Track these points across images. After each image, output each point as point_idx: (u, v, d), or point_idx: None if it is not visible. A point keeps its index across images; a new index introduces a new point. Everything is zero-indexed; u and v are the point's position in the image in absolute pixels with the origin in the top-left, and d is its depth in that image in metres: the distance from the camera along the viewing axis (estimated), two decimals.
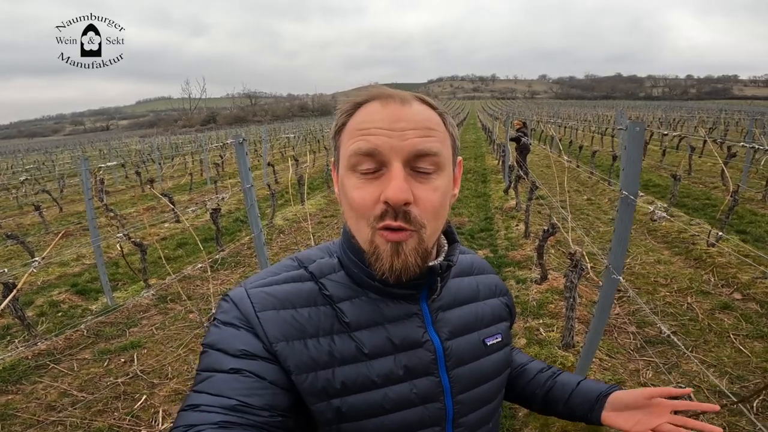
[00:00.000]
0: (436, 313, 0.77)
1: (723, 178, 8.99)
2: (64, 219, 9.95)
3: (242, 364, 0.66)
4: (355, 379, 0.69)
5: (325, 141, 21.09)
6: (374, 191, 0.66)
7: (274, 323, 0.69)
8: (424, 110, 0.70)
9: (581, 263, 3.26)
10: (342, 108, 0.73)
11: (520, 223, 6.83)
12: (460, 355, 0.77)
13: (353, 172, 0.68)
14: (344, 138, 0.71)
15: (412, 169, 0.67)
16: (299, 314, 0.71)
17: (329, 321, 0.72)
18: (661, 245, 5.90)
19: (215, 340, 0.70)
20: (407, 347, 0.73)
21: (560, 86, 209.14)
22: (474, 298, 0.85)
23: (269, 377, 0.66)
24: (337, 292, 0.74)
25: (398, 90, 0.71)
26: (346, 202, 0.71)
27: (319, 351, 0.69)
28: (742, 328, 3.68)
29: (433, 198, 0.67)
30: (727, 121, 25.82)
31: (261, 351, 0.68)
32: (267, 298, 0.72)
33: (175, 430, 0.62)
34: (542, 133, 22.35)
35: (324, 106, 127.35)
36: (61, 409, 3.04)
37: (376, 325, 0.72)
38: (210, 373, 0.67)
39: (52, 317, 4.59)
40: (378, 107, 0.68)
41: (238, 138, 2.77)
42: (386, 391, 0.70)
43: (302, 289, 0.74)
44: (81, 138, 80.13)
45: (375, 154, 0.66)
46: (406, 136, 0.66)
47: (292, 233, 7.45)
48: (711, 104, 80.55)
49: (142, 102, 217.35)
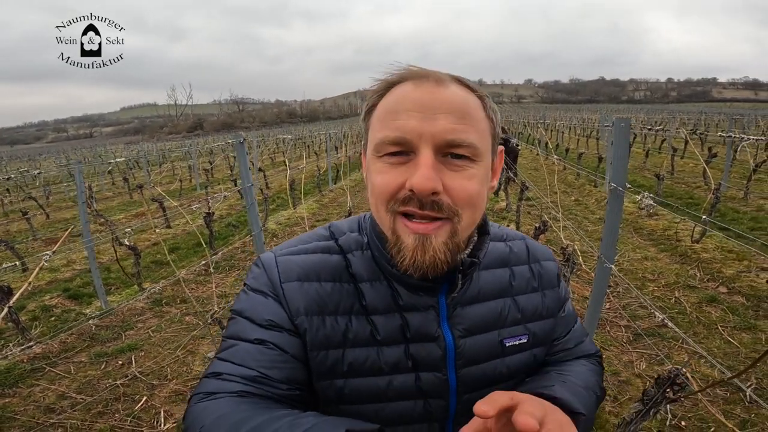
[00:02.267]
0: (454, 308, 0.72)
1: (705, 177, 9.22)
2: (51, 225, 9.82)
3: (267, 335, 0.67)
4: (363, 363, 0.69)
5: (314, 146, 21.09)
6: (398, 177, 0.61)
7: (297, 295, 0.69)
8: (461, 92, 0.64)
9: (573, 258, 3.34)
10: (374, 88, 0.67)
11: (511, 224, 6.93)
12: (473, 355, 0.73)
13: (379, 157, 0.63)
14: (373, 121, 0.66)
15: (444, 156, 0.61)
16: (323, 288, 0.70)
17: (350, 300, 0.71)
18: (648, 242, 6.04)
19: (244, 308, 0.71)
20: (418, 339, 0.70)
21: (546, 90, 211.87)
22: (502, 293, 0.77)
23: (291, 350, 0.67)
24: (361, 271, 0.73)
25: (434, 70, 0.65)
26: (369, 188, 0.67)
27: (334, 329, 0.69)
28: (730, 320, 3.79)
29: (468, 186, 0.61)
30: (707, 122, 26.43)
31: (286, 322, 0.68)
32: (293, 268, 0.72)
33: (195, 396, 0.64)
34: (530, 136, 22.65)
35: (312, 112, 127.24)
36: (60, 411, 3.02)
37: (392, 312, 0.71)
38: (235, 341, 0.68)
39: (46, 321, 4.54)
40: (410, 88, 0.63)
41: (238, 137, 2.81)
42: (391, 378, 0.69)
43: (329, 261, 0.73)
44: (64, 145, 78.98)
45: (403, 142, 0.61)
46: (437, 120, 0.60)
47: (285, 237, 7.46)
48: (691, 107, 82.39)
49: (127, 108, 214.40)
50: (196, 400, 0.64)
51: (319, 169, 11.60)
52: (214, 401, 0.62)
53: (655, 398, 1.62)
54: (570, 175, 11.50)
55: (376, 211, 0.66)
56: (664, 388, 1.57)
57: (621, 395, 2.87)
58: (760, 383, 2.90)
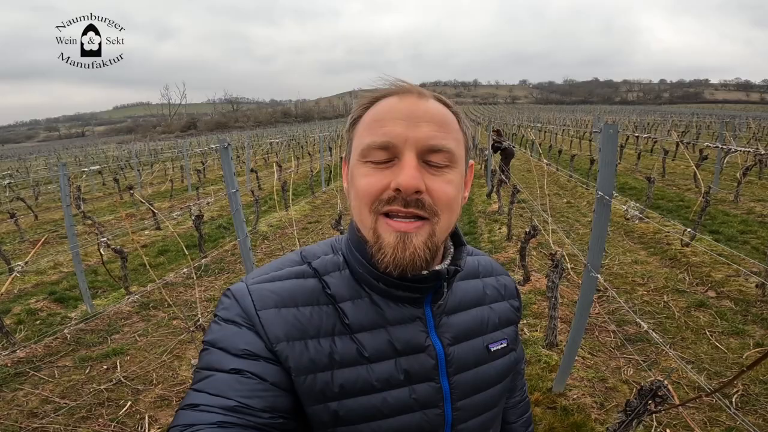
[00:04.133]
0: (440, 318, 0.75)
1: (695, 180, 9.29)
2: (39, 227, 9.71)
3: (244, 365, 0.65)
4: (354, 383, 0.68)
5: (308, 147, 21.03)
6: (383, 179, 0.65)
7: (275, 322, 0.68)
8: (440, 107, 0.69)
9: (562, 263, 3.34)
10: (359, 102, 0.72)
11: (503, 226, 6.93)
12: (463, 361, 0.75)
13: (364, 162, 0.67)
14: (359, 130, 0.70)
15: (425, 162, 0.66)
16: (301, 313, 0.69)
17: (331, 321, 0.70)
18: (638, 246, 6.06)
19: (217, 338, 0.68)
20: (409, 351, 0.71)
21: (540, 91, 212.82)
22: (480, 301, 0.82)
23: (271, 378, 0.65)
24: (340, 291, 0.72)
25: (416, 85, 0.71)
26: (353, 192, 0.69)
27: (319, 352, 0.68)
28: (718, 325, 3.81)
29: (447, 189, 0.66)
30: (699, 125, 26.65)
31: (263, 351, 0.66)
32: (269, 296, 0.70)
33: (173, 429, 0.61)
34: (523, 137, 22.72)
35: (307, 112, 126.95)
36: (43, 415, 2.98)
37: (378, 328, 0.71)
38: (210, 372, 0.65)
39: (30, 325, 4.48)
40: (396, 100, 0.68)
41: (222, 143, 2.78)
42: (385, 395, 0.69)
43: (305, 286, 0.72)
44: (56, 144, 78.28)
45: (389, 146, 0.65)
46: (420, 128, 0.65)
47: (276, 239, 7.42)
48: (683, 108, 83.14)
49: (120, 108, 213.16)
50: None
51: (312, 170, 11.57)
52: None
53: (637, 409, 1.61)
54: (562, 177, 11.54)
55: (359, 212, 0.68)
56: (646, 400, 1.56)
57: (607, 402, 2.86)
58: (747, 389, 2.91)
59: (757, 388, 2.91)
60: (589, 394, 2.93)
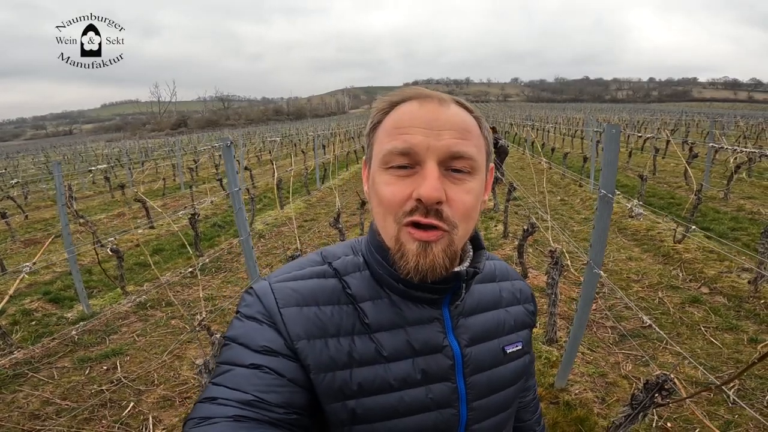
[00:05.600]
0: (457, 319, 0.76)
1: (686, 177, 9.42)
2: (30, 226, 9.59)
3: (262, 360, 0.66)
4: (372, 381, 0.69)
5: (302, 145, 20.95)
6: (406, 188, 0.65)
7: (297, 320, 0.69)
8: (461, 112, 0.70)
9: (561, 260, 3.38)
10: (378, 106, 0.72)
11: (499, 223, 6.99)
12: (479, 362, 0.77)
13: (386, 169, 0.67)
14: (379, 135, 0.70)
15: (447, 169, 0.66)
16: (322, 312, 0.71)
17: (351, 321, 0.71)
18: (632, 243, 6.14)
19: (238, 334, 0.70)
20: (426, 352, 0.72)
21: (531, 89, 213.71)
22: (496, 304, 0.84)
23: (288, 374, 0.66)
24: (360, 291, 0.74)
25: (436, 91, 0.71)
26: (375, 199, 0.70)
27: (338, 351, 0.69)
28: (712, 320, 3.88)
29: (466, 199, 0.67)
30: (688, 123, 26.97)
31: (282, 348, 0.67)
32: (291, 294, 0.72)
33: (190, 421, 0.62)
34: (516, 135, 22.85)
35: (299, 110, 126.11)
36: (45, 417, 2.96)
37: (397, 328, 0.72)
38: (230, 366, 0.67)
39: (26, 326, 4.44)
40: (416, 106, 0.68)
41: (225, 141, 2.77)
42: (402, 394, 0.70)
43: (326, 285, 0.74)
44: (43, 143, 77.13)
45: (411, 153, 0.65)
46: (442, 136, 0.65)
47: (272, 237, 7.41)
48: (672, 107, 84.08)
49: (108, 105, 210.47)
50: (190, 425, 0.62)
51: (307, 168, 11.53)
52: (209, 426, 0.60)
53: (643, 403, 1.64)
54: (556, 175, 11.63)
55: (383, 220, 0.69)
56: (653, 394, 1.60)
57: (609, 397, 2.91)
58: (743, 384, 2.97)
59: (753, 383, 2.98)
60: (591, 389, 2.98)
